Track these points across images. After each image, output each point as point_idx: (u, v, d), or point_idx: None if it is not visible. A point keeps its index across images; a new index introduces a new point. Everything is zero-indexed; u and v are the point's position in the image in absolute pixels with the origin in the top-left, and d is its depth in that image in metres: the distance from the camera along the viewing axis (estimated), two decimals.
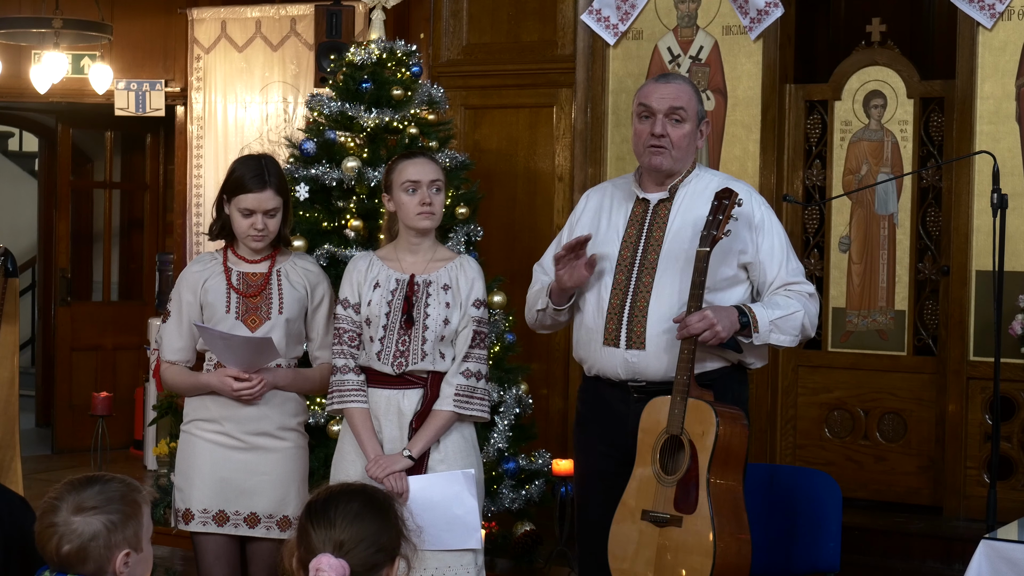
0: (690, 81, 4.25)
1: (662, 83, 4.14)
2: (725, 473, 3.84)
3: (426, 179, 4.13)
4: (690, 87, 4.16)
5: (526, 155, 7.55)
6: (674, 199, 4.12)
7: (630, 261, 4.10)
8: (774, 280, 4.08)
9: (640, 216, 4.14)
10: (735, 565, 3.79)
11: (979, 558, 4.07)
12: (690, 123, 4.10)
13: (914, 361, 6.44)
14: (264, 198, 4.20)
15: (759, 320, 3.96)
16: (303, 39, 8.58)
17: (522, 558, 6.14)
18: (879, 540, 6.20)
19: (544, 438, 6.58)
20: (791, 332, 4.03)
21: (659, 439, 3.89)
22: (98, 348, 9.86)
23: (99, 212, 10.45)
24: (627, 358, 4.04)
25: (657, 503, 3.86)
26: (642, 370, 4.03)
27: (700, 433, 3.82)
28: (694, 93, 4.15)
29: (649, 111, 4.10)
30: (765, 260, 4.08)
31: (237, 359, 4.17)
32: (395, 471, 4.03)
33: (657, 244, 4.08)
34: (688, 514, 3.79)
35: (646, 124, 4.11)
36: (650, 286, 4.04)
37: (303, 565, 2.72)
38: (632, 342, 4.04)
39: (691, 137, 4.11)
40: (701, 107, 4.16)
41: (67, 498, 2.81)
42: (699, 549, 3.75)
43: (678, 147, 4.09)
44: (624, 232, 4.14)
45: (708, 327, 3.85)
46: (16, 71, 9.07)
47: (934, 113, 6.45)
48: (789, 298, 4.06)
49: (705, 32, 6.76)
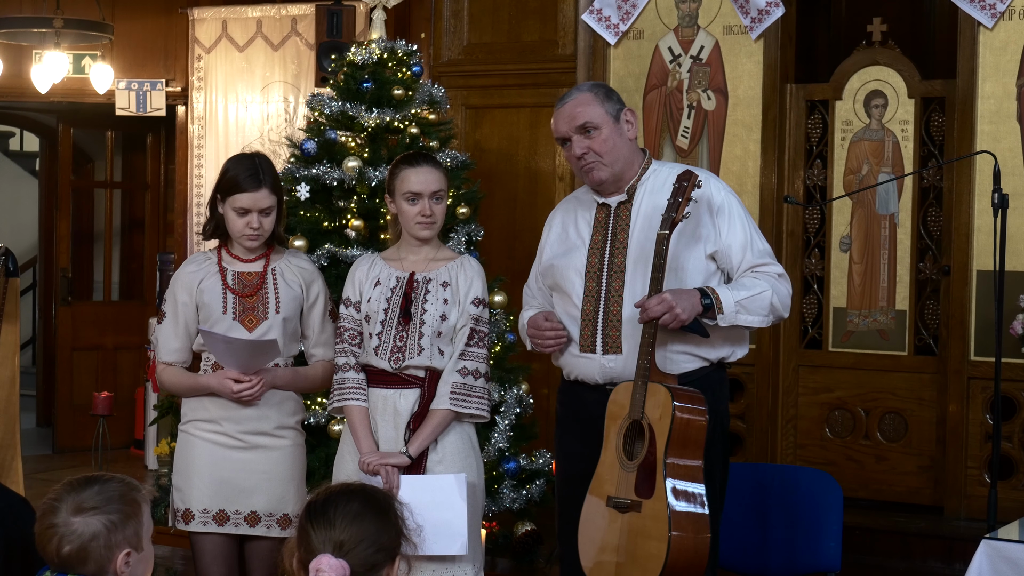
0: (587, 86, 4.19)
1: (559, 108, 4.12)
2: (683, 456, 3.79)
3: (427, 191, 4.13)
4: (587, 95, 4.10)
5: (527, 155, 7.55)
6: (633, 199, 4.10)
7: (598, 267, 4.08)
8: (740, 263, 4.04)
9: (603, 221, 4.12)
10: (692, 549, 3.74)
11: (980, 558, 4.07)
12: (604, 127, 4.05)
13: (915, 361, 6.44)
14: (259, 197, 4.20)
15: (723, 301, 3.92)
16: (304, 39, 8.58)
17: (523, 558, 6.14)
18: (880, 540, 6.20)
19: (544, 438, 6.58)
20: (759, 312, 3.98)
21: (622, 424, 3.87)
22: (99, 348, 9.87)
23: (100, 212, 10.46)
24: (604, 363, 4.04)
25: (620, 489, 3.85)
26: (620, 374, 4.00)
27: (658, 417, 3.79)
28: (593, 97, 4.08)
29: (563, 138, 4.11)
30: (729, 244, 4.04)
31: (238, 361, 4.17)
32: (389, 462, 4.03)
33: (623, 247, 4.06)
34: (647, 499, 3.77)
35: (569, 150, 4.11)
36: (621, 290, 4.02)
37: (303, 565, 2.72)
38: (608, 347, 4.03)
39: (613, 137, 4.06)
40: (610, 102, 4.09)
41: (66, 499, 2.81)
42: (656, 533, 3.72)
43: (606, 153, 4.05)
44: (590, 239, 4.13)
45: (667, 310, 3.81)
46: (17, 71, 9.07)
47: (935, 113, 6.45)
48: (757, 279, 4.01)
49: (706, 32, 6.76)
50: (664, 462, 3.76)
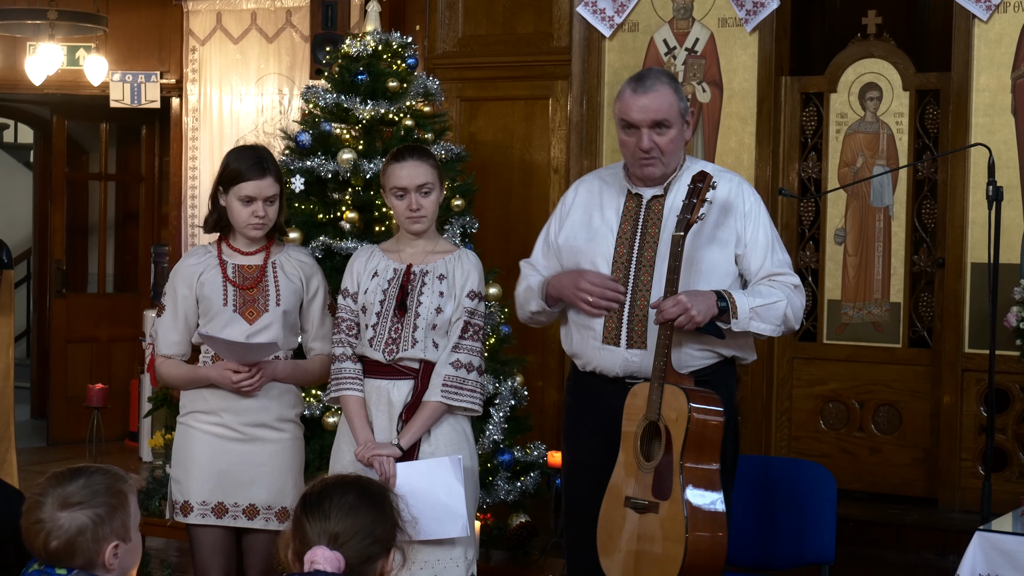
0: (666, 77, 4.06)
1: (640, 94, 3.99)
2: (700, 459, 3.79)
3: (413, 185, 4.12)
4: (669, 89, 4.01)
5: (522, 147, 7.54)
6: (667, 194, 4.06)
7: (627, 258, 4.03)
8: (759, 270, 4.02)
9: (634, 212, 4.07)
10: (709, 551, 3.75)
11: (973, 549, 4.08)
12: (675, 126, 4.00)
13: (909, 353, 6.44)
14: (264, 185, 4.22)
15: (739, 306, 3.90)
16: (299, 31, 8.57)
17: (517, 550, 6.14)
18: (874, 532, 6.20)
19: (539, 430, 6.59)
20: (772, 321, 3.96)
21: (640, 425, 3.87)
22: (93, 340, 9.87)
23: (94, 204, 10.45)
24: (627, 357, 4.00)
25: (637, 489, 3.85)
26: (641, 369, 3.98)
27: (674, 419, 3.79)
28: (673, 93, 4.01)
29: (632, 124, 4.01)
30: (751, 249, 4.02)
31: (239, 359, 4.19)
32: (383, 453, 4.03)
33: (653, 241, 4.02)
34: (664, 500, 3.78)
35: (632, 136, 4.01)
36: (649, 284, 3.98)
37: (298, 557, 2.73)
38: (633, 342, 3.99)
39: (680, 138, 4.03)
40: (683, 101, 4.03)
41: (52, 493, 2.79)
42: (673, 535, 3.73)
43: (668, 152, 4.01)
44: (619, 228, 4.08)
45: (682, 311, 3.79)
46: (11, 63, 9.06)
47: (930, 105, 6.45)
48: (773, 288, 3.99)
49: (701, 24, 6.75)
50: (681, 465, 3.76)
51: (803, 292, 4.09)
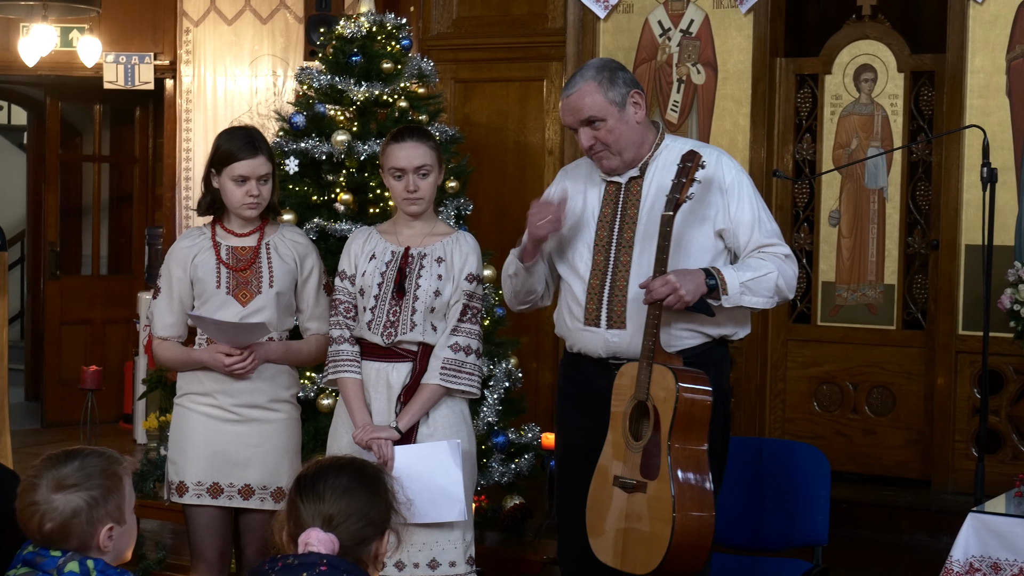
0: (591, 72, 4.02)
1: (565, 98, 4.02)
2: (688, 439, 3.79)
3: (411, 166, 4.12)
4: (590, 83, 3.98)
5: (516, 129, 7.54)
6: (644, 175, 4.05)
7: (607, 240, 4.04)
8: (748, 243, 3.99)
9: (614, 195, 4.08)
10: (696, 530, 3.75)
11: (967, 531, 4.09)
12: (609, 117, 3.97)
13: (903, 335, 6.45)
14: (257, 164, 4.22)
15: (728, 282, 3.88)
16: (293, 12, 8.55)
17: (511, 531, 6.15)
18: (868, 513, 6.22)
19: (533, 412, 6.59)
20: (764, 294, 3.94)
21: (628, 405, 3.87)
22: (87, 322, 9.86)
23: (88, 185, 10.44)
24: (608, 338, 4.01)
25: (626, 469, 3.85)
26: (624, 349, 3.99)
27: (662, 398, 3.78)
28: (596, 85, 3.97)
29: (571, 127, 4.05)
30: (737, 224, 3.99)
31: (228, 340, 4.20)
32: (381, 436, 4.04)
33: (632, 222, 4.02)
34: (651, 480, 3.78)
35: (578, 136, 4.05)
36: (628, 265, 3.99)
37: (292, 539, 2.73)
38: (613, 322, 4.00)
39: (619, 127, 3.99)
40: (615, 88, 3.98)
41: (46, 475, 2.79)
42: (661, 515, 3.73)
43: (612, 143, 4.00)
44: (600, 212, 4.08)
45: (671, 291, 3.77)
46: (4, 44, 9.03)
47: (924, 87, 6.45)
48: (763, 260, 3.96)
49: (695, 5, 6.74)
50: (669, 444, 3.76)
51: (794, 261, 4.05)
